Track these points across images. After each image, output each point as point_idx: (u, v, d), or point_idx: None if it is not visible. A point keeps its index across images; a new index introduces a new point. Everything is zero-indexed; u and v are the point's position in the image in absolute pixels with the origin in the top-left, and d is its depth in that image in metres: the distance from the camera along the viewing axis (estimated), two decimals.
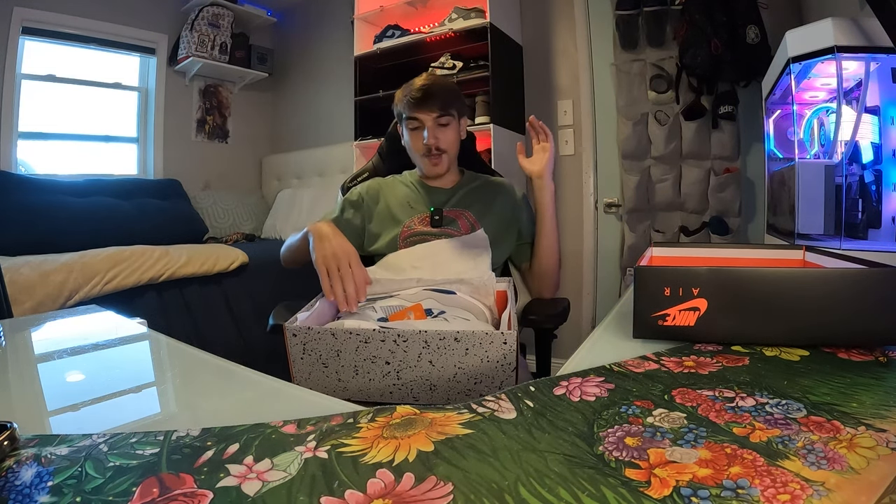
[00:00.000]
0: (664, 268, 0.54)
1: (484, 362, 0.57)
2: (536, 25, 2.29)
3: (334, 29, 2.98)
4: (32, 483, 0.29)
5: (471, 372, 0.57)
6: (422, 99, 1.01)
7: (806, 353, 0.47)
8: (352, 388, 0.60)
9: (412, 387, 0.59)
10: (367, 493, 0.27)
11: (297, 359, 0.61)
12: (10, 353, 0.62)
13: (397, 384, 0.59)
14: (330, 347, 0.59)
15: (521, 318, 1.11)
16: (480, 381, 0.57)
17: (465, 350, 0.56)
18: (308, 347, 0.60)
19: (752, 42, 1.68)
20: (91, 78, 2.75)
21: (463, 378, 0.57)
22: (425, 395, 0.59)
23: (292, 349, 0.60)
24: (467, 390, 0.58)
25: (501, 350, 0.56)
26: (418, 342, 0.57)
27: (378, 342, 0.58)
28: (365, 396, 0.61)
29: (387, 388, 0.60)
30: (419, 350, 0.57)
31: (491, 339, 0.56)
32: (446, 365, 0.57)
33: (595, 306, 2.24)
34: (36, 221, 2.09)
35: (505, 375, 0.57)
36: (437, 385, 0.58)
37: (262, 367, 0.51)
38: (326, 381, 0.61)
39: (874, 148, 1.02)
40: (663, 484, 0.27)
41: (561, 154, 2.27)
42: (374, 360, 0.59)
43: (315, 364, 0.60)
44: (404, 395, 0.60)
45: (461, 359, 0.57)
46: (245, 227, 2.98)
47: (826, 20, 0.97)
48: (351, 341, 0.58)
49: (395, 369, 0.59)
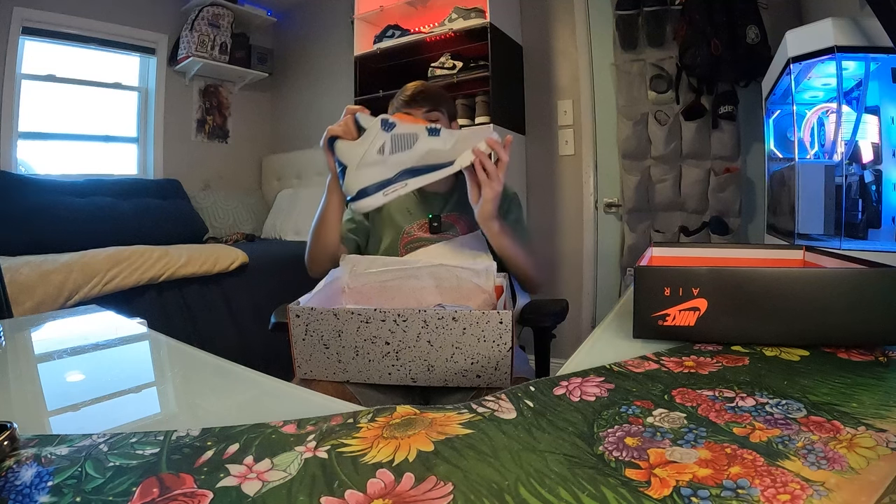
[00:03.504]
0: (664, 268, 0.54)
1: (480, 342, 0.59)
2: (536, 25, 2.29)
3: (334, 29, 2.98)
4: (32, 483, 0.29)
5: (468, 352, 0.60)
6: (412, 97, 1.05)
7: (806, 353, 0.47)
8: (351, 370, 0.62)
9: (410, 367, 0.61)
10: (367, 493, 0.27)
11: (299, 340, 0.62)
12: (10, 353, 0.62)
13: (396, 365, 0.61)
14: (332, 328, 0.61)
15: (519, 318, 1.11)
16: (477, 362, 0.60)
17: (463, 329, 0.59)
18: (311, 328, 0.62)
19: (752, 42, 1.68)
20: (91, 78, 2.75)
21: (460, 358, 0.60)
22: (423, 377, 0.61)
23: (295, 330, 0.62)
24: (464, 370, 0.60)
25: (497, 329, 0.59)
26: (417, 322, 0.59)
27: (378, 322, 0.60)
28: (364, 378, 0.63)
29: (385, 369, 0.62)
30: (418, 330, 0.60)
31: (487, 319, 0.58)
32: (444, 345, 0.60)
33: (595, 306, 2.24)
34: (36, 221, 2.08)
35: (500, 356, 0.59)
36: (435, 366, 0.61)
37: (262, 367, 0.51)
38: (327, 363, 0.63)
39: (874, 148, 1.02)
40: (663, 484, 0.27)
41: (561, 154, 2.27)
42: (375, 340, 0.61)
43: (317, 345, 0.62)
44: (402, 375, 0.62)
45: (458, 339, 0.59)
46: (245, 227, 2.98)
47: (826, 20, 0.97)
48: (352, 321, 0.60)
49: (394, 349, 0.61)
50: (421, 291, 0.87)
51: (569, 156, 2.26)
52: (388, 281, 0.86)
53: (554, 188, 2.30)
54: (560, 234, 2.30)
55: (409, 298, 0.87)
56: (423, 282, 0.87)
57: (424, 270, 0.87)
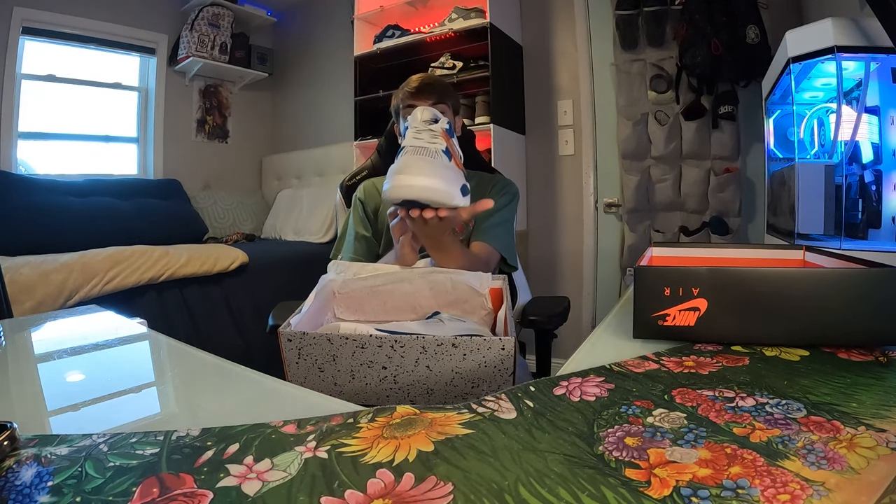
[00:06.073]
0: (664, 268, 0.54)
1: (482, 367, 0.57)
2: (536, 25, 2.30)
3: (334, 29, 2.98)
4: (32, 483, 0.29)
5: (468, 376, 0.57)
6: (419, 89, 1.03)
7: (806, 353, 0.47)
8: (348, 392, 0.60)
9: (409, 391, 0.59)
10: (367, 493, 0.27)
11: (293, 363, 0.60)
12: (10, 353, 0.62)
13: (394, 388, 0.59)
14: (326, 352, 0.59)
15: (521, 318, 1.11)
16: (478, 385, 0.58)
17: (463, 355, 0.56)
18: (304, 352, 0.59)
19: (752, 42, 1.68)
20: (91, 78, 2.75)
21: (460, 382, 0.58)
22: (422, 399, 0.59)
23: (287, 354, 0.60)
24: (464, 394, 0.58)
25: (499, 355, 0.56)
26: (416, 348, 0.57)
27: (375, 347, 0.57)
28: (362, 400, 0.60)
29: (384, 392, 0.59)
30: (416, 355, 0.57)
31: (489, 345, 0.56)
32: (444, 370, 0.57)
33: (595, 306, 2.24)
34: (36, 221, 2.09)
35: (502, 380, 0.57)
36: (435, 389, 0.58)
37: (262, 367, 0.51)
38: (322, 385, 0.60)
39: (874, 148, 1.02)
40: (663, 484, 0.27)
41: (561, 154, 2.28)
42: (371, 364, 0.58)
43: (311, 368, 0.60)
44: (401, 398, 0.59)
45: (459, 364, 0.57)
46: (245, 227, 2.98)
47: (826, 20, 0.97)
48: (347, 346, 0.58)
49: (391, 374, 0.58)
50: (414, 295, 0.84)
51: (569, 156, 2.26)
52: (379, 286, 0.85)
53: (554, 188, 2.30)
54: (560, 234, 2.30)
55: (402, 302, 0.85)
56: (416, 286, 0.85)
57: (417, 273, 0.85)
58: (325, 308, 0.81)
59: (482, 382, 0.57)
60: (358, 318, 0.81)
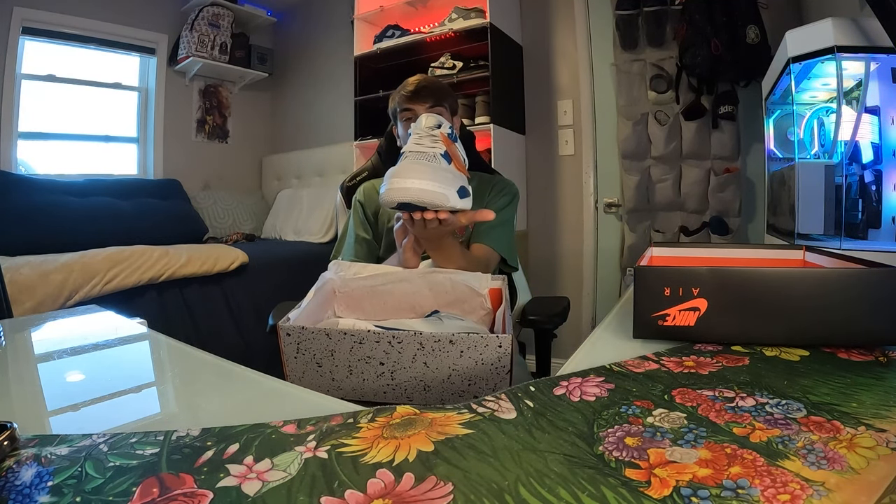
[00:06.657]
0: (664, 268, 0.54)
1: (479, 364, 0.57)
2: (536, 25, 2.30)
3: (334, 29, 2.98)
4: (32, 483, 0.29)
5: (465, 373, 0.58)
6: (415, 92, 1.02)
7: (806, 353, 0.47)
8: (346, 388, 0.61)
9: (406, 387, 0.59)
10: (367, 493, 0.27)
11: (291, 358, 0.61)
12: (10, 353, 0.62)
13: (391, 384, 0.60)
14: (324, 347, 0.59)
15: (520, 318, 1.11)
16: (475, 383, 0.58)
17: (460, 352, 0.57)
18: (302, 347, 0.60)
19: (752, 42, 1.68)
20: (91, 78, 2.75)
21: (457, 380, 0.58)
22: (419, 396, 0.60)
23: (286, 348, 0.61)
24: (461, 391, 0.59)
25: (496, 353, 0.56)
26: (413, 344, 0.57)
27: (373, 343, 0.58)
28: (359, 396, 0.61)
29: (381, 388, 0.60)
30: (414, 352, 0.58)
31: (486, 343, 0.56)
32: (441, 367, 0.58)
33: (595, 306, 2.24)
34: (36, 221, 2.08)
35: (499, 378, 0.58)
36: (432, 386, 0.59)
37: (262, 368, 0.51)
38: (320, 381, 0.61)
39: (874, 148, 1.02)
40: (663, 484, 0.27)
41: (561, 154, 2.28)
42: (369, 360, 0.59)
43: (309, 363, 0.60)
44: (398, 395, 0.60)
45: (456, 361, 0.57)
46: (245, 227, 2.98)
47: (826, 20, 0.97)
48: (345, 342, 0.58)
49: (389, 370, 0.59)
50: (414, 295, 0.85)
51: (569, 156, 2.26)
52: (379, 285, 0.85)
53: (554, 188, 2.30)
54: (560, 234, 2.30)
55: (401, 302, 0.85)
56: (415, 286, 0.86)
57: (416, 273, 0.85)
58: (325, 306, 0.81)
59: (479, 380, 0.58)
60: (358, 318, 0.81)
